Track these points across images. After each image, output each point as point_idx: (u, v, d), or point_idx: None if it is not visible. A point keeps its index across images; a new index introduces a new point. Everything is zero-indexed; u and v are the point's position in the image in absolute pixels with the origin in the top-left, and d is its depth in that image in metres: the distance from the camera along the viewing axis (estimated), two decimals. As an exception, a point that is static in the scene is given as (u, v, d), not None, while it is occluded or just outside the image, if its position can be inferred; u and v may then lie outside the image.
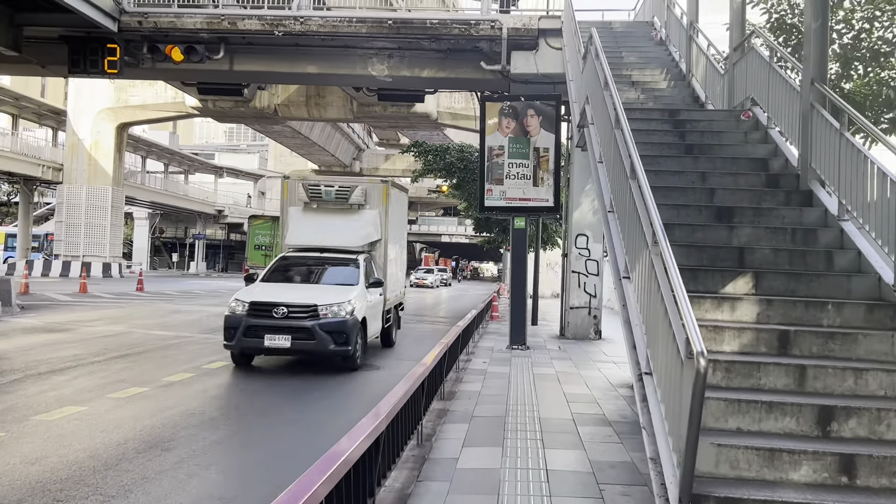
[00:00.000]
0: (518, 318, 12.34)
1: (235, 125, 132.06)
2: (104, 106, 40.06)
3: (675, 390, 3.61)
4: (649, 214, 4.50)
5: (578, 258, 14.73)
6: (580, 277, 14.72)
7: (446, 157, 19.76)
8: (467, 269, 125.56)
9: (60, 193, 40.49)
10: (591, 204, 14.68)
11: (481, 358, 11.23)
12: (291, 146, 53.96)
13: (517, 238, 12.39)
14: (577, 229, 14.74)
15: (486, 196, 12.40)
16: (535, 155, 12.35)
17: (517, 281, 12.42)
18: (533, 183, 12.33)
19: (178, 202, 56.08)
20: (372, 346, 12.84)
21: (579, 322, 14.73)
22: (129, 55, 15.23)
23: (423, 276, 49.50)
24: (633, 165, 5.13)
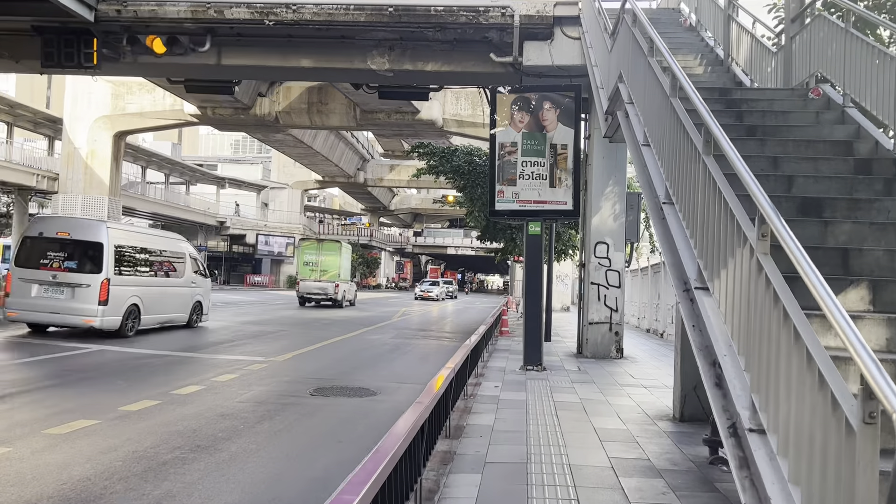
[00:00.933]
0: (533, 335, 10.96)
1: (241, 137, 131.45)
2: (101, 114, 39.00)
3: (827, 467, 2.25)
4: (756, 199, 3.15)
5: (598, 268, 13.36)
6: (600, 290, 13.34)
7: (454, 159, 18.45)
8: (473, 281, 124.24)
9: (55, 203, 39.36)
10: (612, 209, 13.34)
11: (492, 381, 9.85)
12: (294, 156, 52.86)
13: (531, 246, 11.03)
14: (596, 237, 13.39)
15: (497, 198, 11.07)
16: (552, 152, 11.02)
17: (532, 294, 11.05)
18: (549, 184, 10.99)
19: (178, 213, 54.98)
20: (368, 367, 11.48)
21: (599, 339, 13.34)
22: (109, 48, 14.00)
23: (428, 288, 48.15)
24: (713, 137, 3.80)
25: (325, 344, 14.90)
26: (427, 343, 16.53)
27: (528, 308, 11.02)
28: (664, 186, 5.12)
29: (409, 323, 23.26)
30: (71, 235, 13.62)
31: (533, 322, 10.94)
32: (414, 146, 19.06)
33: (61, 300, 13.27)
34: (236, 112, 37.14)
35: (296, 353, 13.09)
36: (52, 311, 13.30)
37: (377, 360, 12.79)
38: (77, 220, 17.12)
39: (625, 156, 13.47)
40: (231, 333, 16.31)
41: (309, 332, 17.44)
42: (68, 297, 13.29)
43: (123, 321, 13.81)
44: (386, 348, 14.79)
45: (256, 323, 19.84)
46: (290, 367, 11.18)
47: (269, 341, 15.09)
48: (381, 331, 19.32)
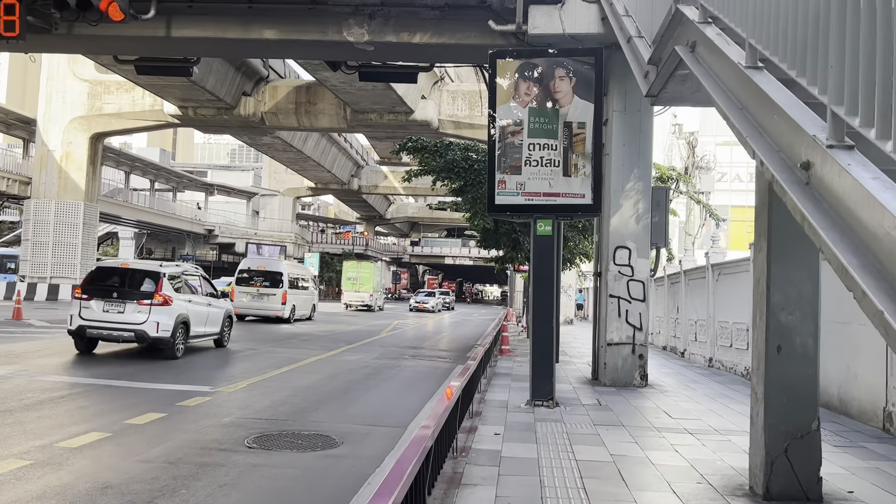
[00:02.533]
0: (542, 362, 8.70)
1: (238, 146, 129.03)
2: (76, 114, 36.87)
3: None
4: None
5: (618, 278, 11.12)
6: (620, 304, 11.10)
7: (448, 154, 16.21)
8: (469, 291, 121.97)
9: (27, 209, 37.16)
10: (635, 207, 11.11)
11: (491, 423, 7.59)
12: (284, 161, 50.70)
13: (540, 249, 8.80)
14: (615, 240, 11.15)
15: (498, 190, 8.83)
16: (567, 133, 8.80)
17: (540, 310, 8.80)
18: (563, 171, 8.76)
19: (165, 221, 52.76)
20: (338, 400, 9.17)
21: (620, 364, 11.08)
22: (37, 17, 11.81)
23: (423, 299, 45.84)
24: None
25: (294, 367, 12.63)
26: (416, 365, 14.26)
27: (536, 327, 8.77)
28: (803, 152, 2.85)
29: (398, 339, 20.98)
30: (265, 268, 25.60)
31: (542, 346, 8.69)
32: (402, 142, 16.84)
33: (262, 303, 24.18)
34: (219, 112, 35.03)
35: (253, 379, 10.81)
36: (256, 309, 24.17)
37: (350, 389, 10.52)
38: (267, 259, 27.34)
39: (650, 143, 11.25)
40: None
41: (279, 352, 15.16)
42: (265, 301, 24.28)
43: (290, 315, 24.95)
44: (365, 372, 12.51)
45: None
46: (237, 402, 8.92)
47: (228, 363, 12.83)
48: (365, 349, 17.03)
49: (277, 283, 23.85)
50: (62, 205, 36.48)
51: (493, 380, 11.48)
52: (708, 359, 14.82)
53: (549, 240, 8.75)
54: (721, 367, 14.03)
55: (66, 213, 36.55)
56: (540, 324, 8.74)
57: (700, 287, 15.94)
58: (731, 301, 13.86)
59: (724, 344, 14.09)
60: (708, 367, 14.68)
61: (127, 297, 12.36)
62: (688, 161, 22.34)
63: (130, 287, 12.58)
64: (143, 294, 12.37)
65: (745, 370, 12.59)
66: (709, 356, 14.85)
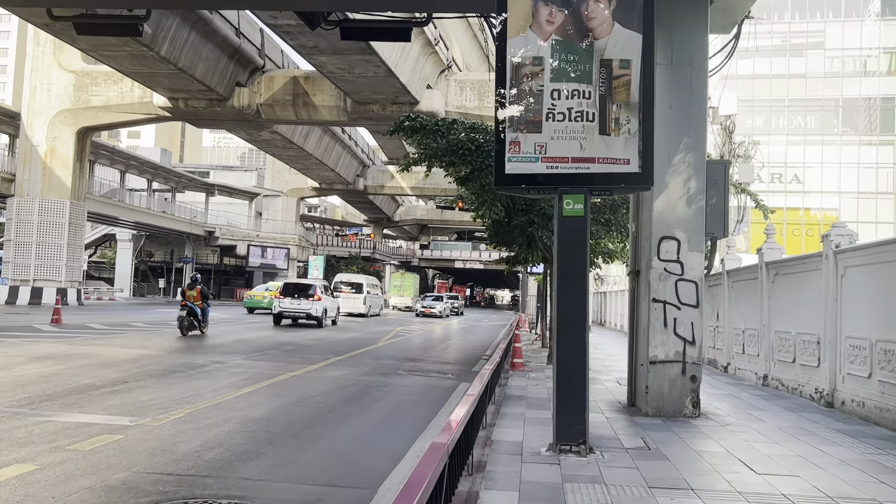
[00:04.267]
0: (571, 390, 6.29)
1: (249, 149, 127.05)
2: (62, 107, 34.86)
3: None
4: None
5: (664, 278, 8.68)
6: (667, 311, 8.65)
7: (450, 134, 13.78)
8: (481, 296, 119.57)
9: (10, 207, 35.10)
10: (685, 186, 8.67)
11: (500, 488, 5.18)
12: (285, 159, 48.52)
13: (568, 235, 6.39)
14: (660, 229, 8.72)
15: (509, 155, 6.41)
16: (605, 75, 6.40)
17: (568, 317, 6.37)
18: (600, 128, 6.35)
19: (164, 222, 50.66)
20: (295, 438, 6.71)
21: (667, 387, 8.62)
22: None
23: (430, 304, 43.39)
24: None
25: (259, 387, 10.26)
26: (410, 384, 11.85)
27: (561, 344, 6.34)
28: None
29: (396, 349, 18.59)
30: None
31: (570, 369, 6.28)
32: (398, 121, 14.44)
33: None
34: (211, 104, 32.93)
35: (197, 406, 8.46)
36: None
37: (317, 420, 8.12)
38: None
39: (703, 105, 8.82)
40: (137, 367, 11.72)
41: (249, 367, 12.80)
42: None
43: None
44: (344, 395, 10.12)
45: (197, 351, 15.23)
46: (155, 443, 6.56)
47: (177, 382, 10.48)
48: (354, 361, 14.65)
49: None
50: (47, 203, 34.43)
51: (504, 405, 9.07)
52: (761, 376, 12.32)
53: (580, 223, 6.34)
54: (781, 387, 11.54)
55: (51, 212, 34.49)
56: (566, 338, 6.31)
57: (749, 290, 13.45)
58: (793, 307, 11.37)
59: (783, 359, 11.59)
60: (762, 385, 12.19)
61: (301, 296, 26.20)
62: (723, 148, 19.90)
63: (302, 291, 26.46)
64: (308, 294, 26.24)
65: (815, 392, 10.12)
66: (762, 372, 12.35)
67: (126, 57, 27.08)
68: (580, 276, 6.35)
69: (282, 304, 26.18)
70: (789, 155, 62.43)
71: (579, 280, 6.34)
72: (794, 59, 64.54)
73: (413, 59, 29.78)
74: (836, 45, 65.21)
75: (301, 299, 26.02)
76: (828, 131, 63.28)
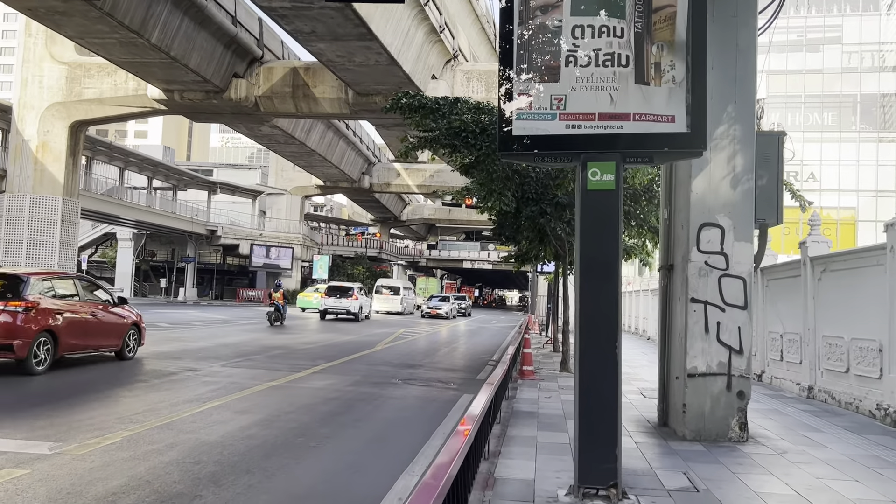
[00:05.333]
0: (598, 417, 4.82)
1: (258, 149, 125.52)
2: (54, 100, 33.57)
3: None
4: None
5: (705, 273, 7.19)
6: (709, 313, 7.16)
7: (453, 115, 12.31)
8: (490, 297, 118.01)
9: (0, 205, 33.86)
10: (730, 163, 7.18)
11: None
12: (287, 155, 47.20)
13: (595, 213, 4.93)
14: (700, 215, 7.23)
15: (517, 111, 4.95)
16: (642, 6, 4.93)
17: (593, 321, 4.89)
18: (636, 76, 4.88)
19: (165, 221, 49.39)
20: (247, 474, 5.23)
21: (709, 406, 7.13)
22: None
23: (436, 305, 41.90)
24: None
25: (225, 402, 8.83)
26: (404, 395, 10.39)
27: (585, 356, 4.86)
28: None
29: (395, 353, 17.14)
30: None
31: (597, 390, 4.81)
32: (394, 98, 12.98)
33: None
34: (208, 96, 31.58)
35: (142, 427, 7.04)
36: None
37: (284, 447, 6.66)
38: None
39: (752, 65, 7.31)
40: (97, 375, 10.32)
41: (224, 375, 11.39)
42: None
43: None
44: (325, 411, 8.67)
45: (173, 356, 13.86)
46: (68, 480, 5.14)
47: (133, 394, 9.07)
48: (346, 368, 13.22)
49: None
50: (38, 200, 33.16)
51: (512, 425, 7.61)
52: (806, 387, 10.80)
53: (610, 199, 4.87)
54: (830, 400, 10.01)
55: (43, 208, 33.22)
56: (592, 351, 4.83)
57: (788, 290, 11.92)
58: (846, 308, 9.85)
59: (833, 368, 10.07)
60: (807, 398, 10.66)
61: (343, 296, 32.18)
62: (751, 136, 18.35)
63: (343, 292, 32.36)
64: (348, 295, 32.09)
65: (877, 409, 8.60)
66: (807, 383, 10.83)
67: (115, 45, 25.77)
68: (610, 267, 4.87)
69: (326, 303, 32.44)
70: (805, 152, 60.61)
71: (609, 273, 4.86)
72: (811, 55, 62.73)
73: (417, 47, 28.35)
74: (854, 40, 63.39)
75: (342, 299, 32.20)
76: (845, 128, 61.46)
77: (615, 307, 4.81)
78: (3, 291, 10.39)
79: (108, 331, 12.17)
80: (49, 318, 10.63)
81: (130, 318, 12.92)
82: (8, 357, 10.12)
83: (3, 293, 10.35)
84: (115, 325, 12.38)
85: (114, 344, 12.35)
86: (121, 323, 12.54)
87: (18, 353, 10.06)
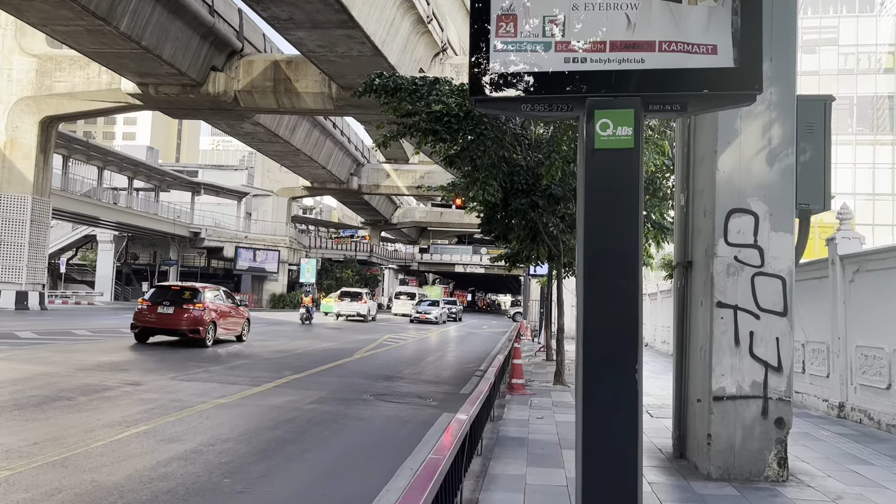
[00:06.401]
0: (607, 468, 3.32)
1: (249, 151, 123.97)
2: (24, 94, 32.13)
3: None
4: None
5: (734, 270, 5.79)
6: (739, 320, 5.78)
7: (432, 97, 10.88)
8: (482, 302, 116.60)
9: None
10: (765, 135, 5.80)
11: None
12: (272, 154, 45.75)
13: (603, 179, 3.46)
14: (728, 198, 5.84)
15: (497, 40, 3.52)
16: None
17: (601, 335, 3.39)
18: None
19: (147, 223, 47.80)
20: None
21: (739, 436, 5.73)
22: None
23: (426, 309, 40.42)
24: None
25: (155, 425, 7.37)
26: (373, 415, 8.94)
27: (592, 394, 3.37)
28: None
29: (374, 362, 15.69)
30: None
31: (608, 446, 3.32)
32: (367, 79, 11.57)
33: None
34: (184, 90, 30.11)
35: (30, 463, 5.61)
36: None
37: (201, 491, 5.20)
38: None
39: (792, 16, 5.92)
40: (15, 390, 8.83)
41: (170, 390, 9.91)
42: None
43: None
44: (271, 437, 7.21)
45: (121, 367, 12.38)
46: None
47: (46, 415, 7.59)
48: (313, 381, 11.76)
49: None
50: (6, 199, 31.63)
51: (495, 458, 6.19)
52: (836, 405, 9.41)
53: (628, 161, 3.44)
54: (868, 421, 8.63)
55: (11, 207, 31.69)
56: (600, 385, 3.37)
57: (812, 292, 10.52)
58: (886, 315, 8.48)
59: (871, 383, 8.69)
60: (838, 416, 9.29)
61: (354, 300, 37.74)
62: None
63: (354, 297, 37.95)
64: (358, 298, 37.68)
65: (930, 434, 7.22)
66: (836, 400, 9.44)
67: (82, 33, 24.29)
68: (628, 260, 3.43)
69: (339, 306, 37.98)
70: (802, 155, 59.49)
71: (627, 268, 3.43)
72: (807, 56, 61.78)
73: (403, 38, 26.96)
74: (850, 42, 62.52)
75: (354, 302, 37.67)
76: (842, 130, 60.48)
77: (635, 315, 3.38)
78: (190, 298, 16.71)
79: (237, 323, 18.77)
80: (213, 314, 17.14)
81: (245, 315, 19.54)
82: (195, 336, 16.49)
83: (190, 299, 16.67)
84: (239, 319, 18.95)
85: (238, 331, 18.84)
86: (241, 318, 19.07)
87: (201, 336, 16.58)
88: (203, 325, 16.52)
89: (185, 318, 16.29)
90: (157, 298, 16.75)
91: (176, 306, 16.40)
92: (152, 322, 16.34)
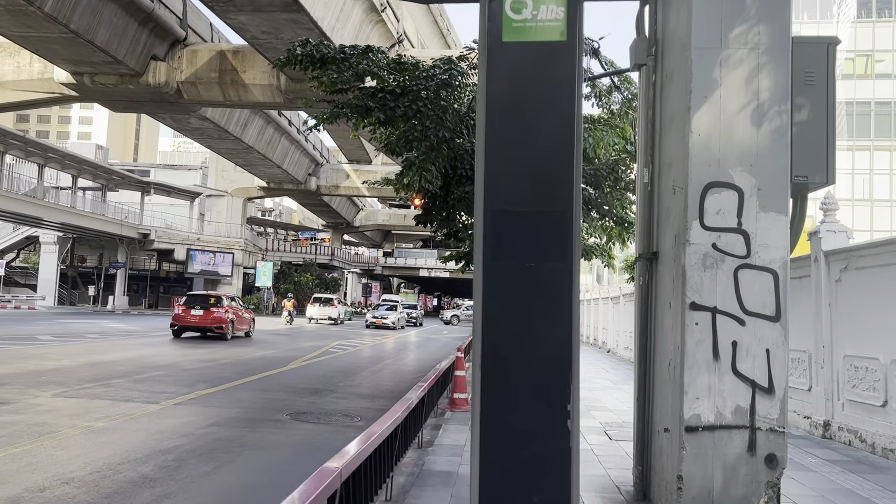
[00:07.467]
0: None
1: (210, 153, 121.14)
2: (-53, 83, 29.79)
3: None
4: None
5: (713, 262, 4.46)
6: (718, 326, 4.44)
7: (361, 65, 9.46)
8: (448, 306, 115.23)
9: None
10: (750, 88, 4.46)
11: None
12: (223, 152, 43.80)
13: (518, 91, 2.02)
14: (703, 170, 4.51)
15: None
16: None
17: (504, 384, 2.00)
18: None
19: (92, 223, 45.32)
20: None
21: (719, 478, 4.38)
22: None
23: (382, 314, 38.64)
24: None
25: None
26: (280, 441, 7.45)
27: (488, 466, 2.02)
28: None
29: (309, 373, 14.14)
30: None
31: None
32: (289, 49, 10.13)
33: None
34: (122, 80, 28.20)
35: None
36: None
37: None
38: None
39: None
40: None
41: (42, 410, 8.29)
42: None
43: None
44: (123, 482, 5.63)
45: (3, 380, 10.67)
46: None
47: None
48: (227, 396, 10.19)
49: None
50: (-73, 195, 29.32)
51: (413, 500, 4.76)
52: (821, 423, 8.19)
53: (558, 60, 2.00)
54: (859, 443, 7.40)
55: (-67, 205, 29.38)
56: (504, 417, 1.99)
57: (792, 293, 9.27)
58: (879, 320, 7.27)
59: (862, 399, 7.47)
60: (822, 437, 8.07)
61: (325, 305, 40.01)
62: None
63: (325, 302, 40.29)
64: (330, 304, 40.34)
65: (939, 462, 5.98)
66: (821, 418, 8.23)
67: (3, 14, 22.32)
68: (559, 268, 2.02)
69: (311, 311, 39.74)
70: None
71: (557, 279, 2.01)
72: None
73: (355, 26, 25.49)
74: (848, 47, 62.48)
75: (325, 307, 39.85)
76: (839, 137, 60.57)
77: (567, 349, 1.97)
78: (215, 303, 22.26)
79: (246, 322, 24.02)
80: (231, 314, 22.40)
81: (252, 316, 25.14)
82: (218, 333, 21.64)
83: (215, 303, 22.19)
84: (247, 319, 24.25)
85: (247, 328, 24.07)
86: (249, 318, 24.54)
87: (224, 331, 21.77)
88: (225, 323, 21.84)
89: (212, 318, 21.58)
90: (190, 304, 22.23)
91: (205, 309, 21.72)
92: (188, 322, 21.62)
